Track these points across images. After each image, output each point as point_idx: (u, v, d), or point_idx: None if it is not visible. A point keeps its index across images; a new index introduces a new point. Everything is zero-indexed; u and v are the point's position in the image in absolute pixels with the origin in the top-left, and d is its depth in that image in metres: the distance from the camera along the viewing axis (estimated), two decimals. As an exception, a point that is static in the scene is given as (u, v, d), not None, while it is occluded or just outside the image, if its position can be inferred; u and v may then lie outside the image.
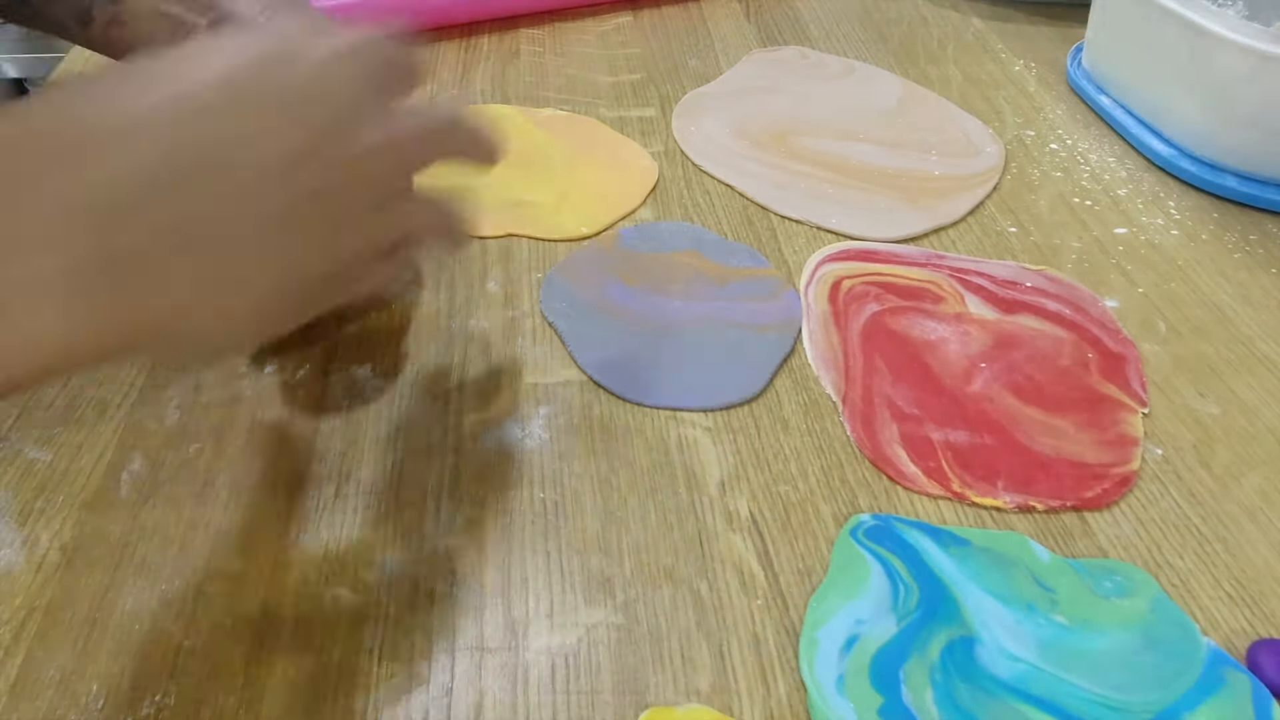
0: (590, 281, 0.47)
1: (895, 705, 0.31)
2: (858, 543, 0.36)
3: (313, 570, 0.35)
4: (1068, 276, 0.48)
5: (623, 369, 0.42)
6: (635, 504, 0.37)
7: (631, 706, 0.31)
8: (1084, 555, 0.36)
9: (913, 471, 0.38)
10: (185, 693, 0.31)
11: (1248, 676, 0.32)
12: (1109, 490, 0.38)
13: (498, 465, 0.38)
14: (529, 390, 0.42)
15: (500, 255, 0.49)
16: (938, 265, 0.48)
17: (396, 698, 0.31)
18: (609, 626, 0.33)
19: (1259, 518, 0.37)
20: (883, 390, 0.42)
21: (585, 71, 0.65)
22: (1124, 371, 0.43)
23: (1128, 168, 0.57)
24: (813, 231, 0.51)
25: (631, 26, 0.71)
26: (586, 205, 0.52)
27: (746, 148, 0.57)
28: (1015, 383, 0.42)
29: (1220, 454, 0.40)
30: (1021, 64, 0.67)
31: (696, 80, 0.64)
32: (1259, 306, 0.47)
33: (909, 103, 0.62)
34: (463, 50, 0.67)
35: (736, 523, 0.37)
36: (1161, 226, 0.52)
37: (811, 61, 0.67)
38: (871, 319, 0.45)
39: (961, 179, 0.55)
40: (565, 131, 0.58)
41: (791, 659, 0.32)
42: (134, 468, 0.38)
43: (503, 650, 0.32)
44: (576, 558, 0.35)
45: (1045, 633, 0.33)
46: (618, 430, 0.40)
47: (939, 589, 0.34)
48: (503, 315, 0.45)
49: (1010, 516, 0.37)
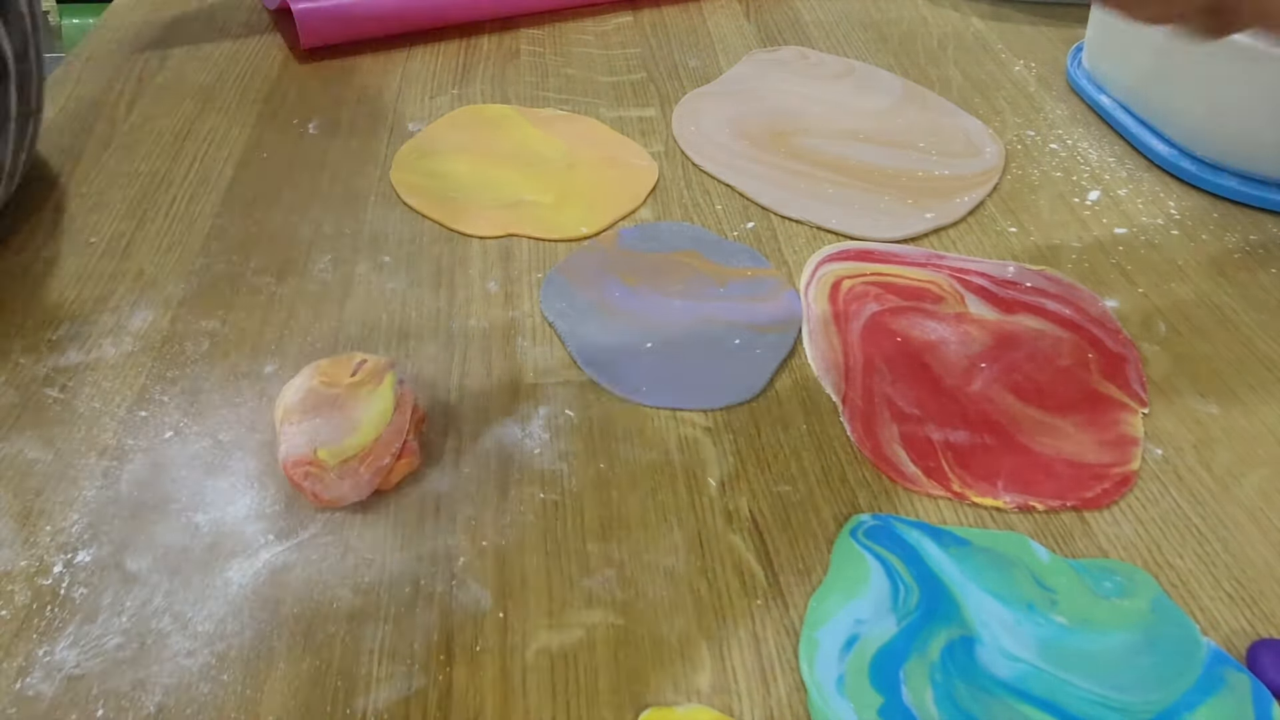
0: (590, 281, 0.47)
1: (895, 705, 0.31)
2: (858, 543, 0.36)
3: (313, 571, 0.35)
4: (1068, 276, 0.48)
5: (623, 369, 0.42)
6: (635, 504, 0.37)
7: (631, 706, 0.31)
8: (1084, 555, 0.36)
9: (913, 471, 0.38)
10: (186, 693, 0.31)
11: (1248, 676, 0.32)
12: (1109, 490, 0.38)
13: (498, 465, 0.38)
14: (529, 390, 0.42)
15: (500, 255, 0.49)
16: (938, 265, 0.48)
17: (396, 698, 0.31)
18: (609, 626, 0.33)
19: (1259, 518, 0.37)
20: (883, 390, 0.42)
21: (585, 71, 0.65)
22: (1124, 371, 0.43)
23: (1128, 168, 0.57)
24: (813, 231, 0.51)
25: (631, 26, 0.71)
26: (586, 205, 0.52)
27: (746, 148, 0.57)
28: (1015, 383, 0.42)
29: (1220, 454, 0.40)
30: (1021, 64, 0.67)
31: (696, 80, 0.64)
32: (1259, 306, 0.47)
33: (909, 103, 0.62)
34: (463, 50, 0.67)
35: (736, 522, 0.37)
36: (1161, 226, 0.52)
37: (811, 61, 0.67)
38: (871, 319, 0.45)
39: (961, 179, 0.55)
40: (565, 131, 0.58)
41: (791, 659, 0.32)
42: (133, 467, 0.38)
43: (503, 650, 0.32)
44: (576, 558, 0.35)
45: (1045, 633, 0.33)
46: (618, 430, 0.40)
47: (939, 589, 0.34)
48: (503, 315, 0.45)
49: (1010, 516, 0.37)
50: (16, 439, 0.39)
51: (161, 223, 0.50)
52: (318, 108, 0.60)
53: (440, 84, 0.63)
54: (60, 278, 0.47)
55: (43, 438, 0.39)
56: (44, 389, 0.41)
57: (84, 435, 0.39)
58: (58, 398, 0.41)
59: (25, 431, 0.39)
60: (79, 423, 0.40)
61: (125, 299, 0.46)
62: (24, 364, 0.42)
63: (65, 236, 0.49)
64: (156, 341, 0.43)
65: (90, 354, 0.42)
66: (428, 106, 0.61)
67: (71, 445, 0.39)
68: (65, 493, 0.37)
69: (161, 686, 0.31)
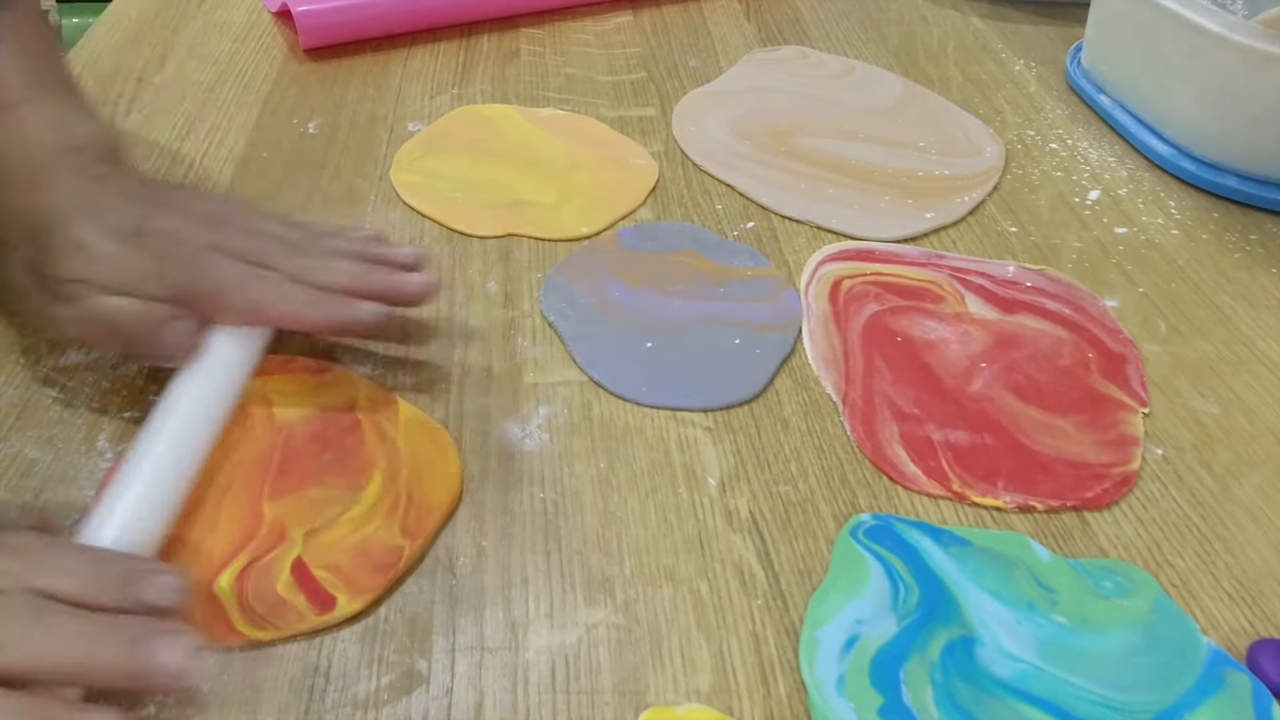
0: (590, 281, 0.47)
1: (895, 705, 0.31)
2: (858, 543, 0.36)
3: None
4: (1068, 276, 0.48)
5: (623, 369, 0.42)
6: (635, 504, 0.37)
7: (631, 706, 0.31)
8: (1084, 555, 0.36)
9: (913, 471, 0.38)
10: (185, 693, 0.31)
11: (1248, 676, 0.32)
12: (1109, 490, 0.38)
13: (498, 465, 0.38)
14: (529, 390, 0.42)
15: (500, 255, 0.49)
16: (938, 265, 0.48)
17: (396, 698, 0.31)
18: (609, 626, 0.33)
19: (1259, 518, 0.37)
20: (883, 390, 0.42)
21: (585, 71, 0.65)
22: (1124, 371, 0.43)
23: (1128, 168, 0.57)
24: (813, 231, 0.51)
25: (631, 26, 0.71)
26: (586, 205, 0.52)
27: (746, 148, 0.57)
28: (1015, 383, 0.42)
29: (1220, 454, 0.40)
30: (1021, 64, 0.67)
31: (696, 80, 0.64)
32: (1259, 306, 0.47)
33: (909, 102, 0.62)
34: (463, 50, 0.67)
35: (736, 523, 0.37)
36: (1161, 226, 0.52)
37: (811, 61, 0.67)
38: (872, 319, 0.45)
39: (961, 179, 0.55)
40: (565, 131, 0.58)
41: (791, 659, 0.32)
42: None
43: (503, 650, 0.32)
44: (576, 558, 0.35)
45: (1045, 633, 0.33)
46: (618, 430, 0.40)
47: (939, 589, 0.34)
48: (503, 315, 0.45)
49: (1010, 516, 0.37)
50: (16, 439, 0.39)
51: (161, 223, 0.50)
52: (318, 108, 0.60)
53: (440, 84, 0.63)
54: (60, 278, 0.47)
55: (43, 438, 0.39)
56: (44, 389, 0.41)
57: (84, 435, 0.39)
58: (57, 398, 0.41)
59: (25, 431, 0.39)
60: (79, 423, 0.40)
61: (125, 299, 0.45)
62: (24, 364, 0.42)
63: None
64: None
65: (90, 354, 0.42)
66: (428, 106, 0.61)
67: (71, 445, 0.39)
68: (65, 493, 0.37)
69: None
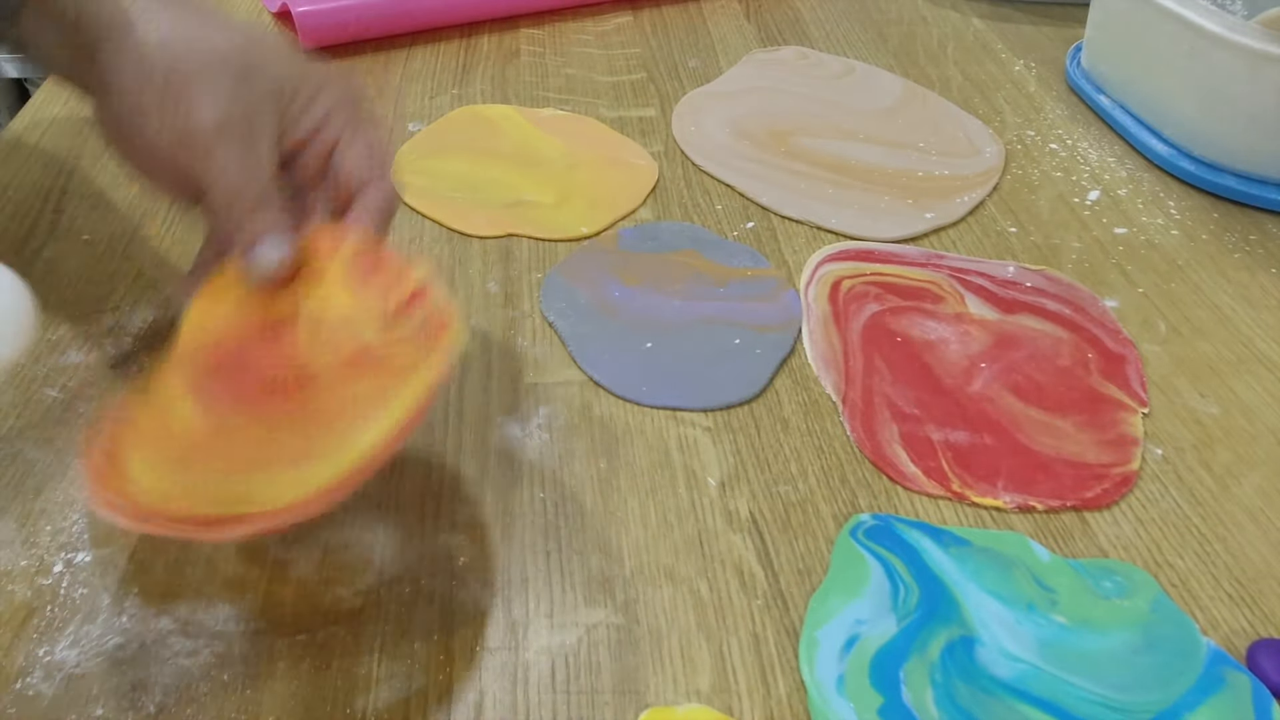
0: (590, 281, 0.47)
1: (895, 705, 0.31)
2: (858, 543, 0.36)
3: (313, 571, 0.35)
4: (1068, 276, 0.48)
5: (623, 369, 0.42)
6: (635, 504, 0.37)
7: (631, 706, 0.31)
8: (1084, 555, 0.36)
9: (913, 471, 0.38)
10: (186, 693, 0.31)
11: (1248, 676, 0.32)
12: (1109, 490, 0.38)
13: (498, 465, 0.38)
14: (529, 390, 0.42)
15: (500, 255, 0.49)
16: (938, 265, 0.48)
17: (396, 698, 0.31)
18: (609, 626, 0.33)
19: (1259, 518, 0.37)
20: (883, 390, 0.42)
21: (585, 71, 0.65)
22: (1124, 371, 0.43)
23: (1128, 168, 0.57)
24: (813, 231, 0.51)
25: (631, 26, 0.71)
26: (586, 205, 0.52)
27: (746, 148, 0.57)
28: (1015, 383, 0.42)
29: (1220, 454, 0.40)
30: (1021, 64, 0.67)
31: (696, 80, 0.64)
32: (1259, 306, 0.47)
33: (909, 103, 0.62)
34: (463, 50, 0.67)
35: (736, 523, 0.37)
36: (1161, 226, 0.52)
37: (811, 61, 0.67)
38: (871, 319, 0.45)
39: (961, 179, 0.55)
40: (565, 131, 0.58)
41: (791, 659, 0.32)
42: (134, 468, 0.38)
43: (503, 650, 0.32)
44: (576, 558, 0.35)
45: (1045, 633, 0.33)
46: (618, 430, 0.40)
47: (939, 589, 0.34)
48: (503, 315, 0.45)
49: (1010, 516, 0.37)
50: (16, 439, 0.39)
51: (161, 223, 0.50)
52: (318, 108, 0.60)
53: (440, 84, 0.63)
54: (60, 278, 0.47)
55: (43, 438, 0.39)
56: (44, 389, 0.41)
57: (84, 435, 0.39)
58: (57, 398, 0.41)
59: (25, 431, 0.39)
60: (79, 423, 0.40)
61: (125, 299, 0.45)
62: (24, 363, 0.42)
63: (65, 236, 0.49)
64: (156, 342, 0.43)
65: (90, 354, 0.42)
66: (428, 106, 0.61)
67: (71, 445, 0.39)
68: (65, 493, 0.37)
69: (161, 686, 0.31)
